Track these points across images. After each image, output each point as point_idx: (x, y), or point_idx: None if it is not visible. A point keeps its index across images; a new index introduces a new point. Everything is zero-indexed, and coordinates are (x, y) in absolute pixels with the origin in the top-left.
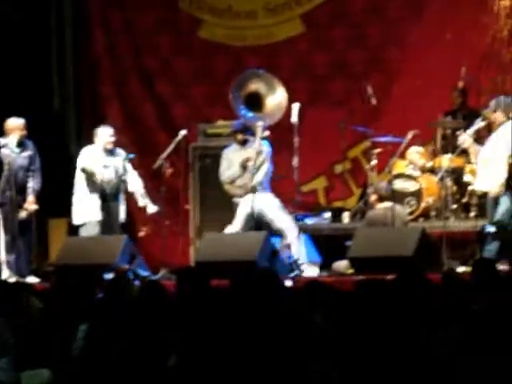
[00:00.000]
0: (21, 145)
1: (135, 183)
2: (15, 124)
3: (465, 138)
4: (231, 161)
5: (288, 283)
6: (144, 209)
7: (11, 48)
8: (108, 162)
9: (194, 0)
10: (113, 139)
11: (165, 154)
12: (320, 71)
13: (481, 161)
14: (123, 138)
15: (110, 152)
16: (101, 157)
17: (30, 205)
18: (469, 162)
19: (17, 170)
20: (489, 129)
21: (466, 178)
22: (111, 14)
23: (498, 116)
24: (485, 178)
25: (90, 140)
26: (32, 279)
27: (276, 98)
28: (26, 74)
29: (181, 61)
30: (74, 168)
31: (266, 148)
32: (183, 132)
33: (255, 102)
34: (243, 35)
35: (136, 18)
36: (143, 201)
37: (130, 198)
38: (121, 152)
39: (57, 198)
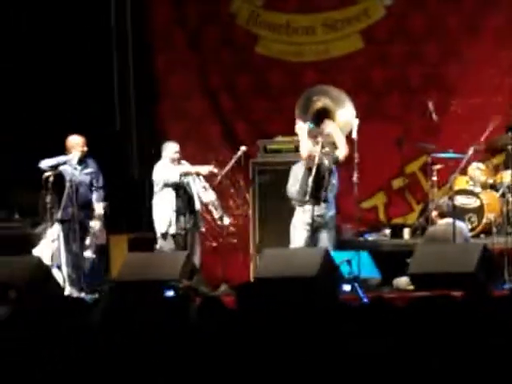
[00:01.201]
0: (82, 162)
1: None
2: (75, 141)
3: None
4: (297, 177)
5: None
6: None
7: (74, 68)
8: None
9: (250, 16)
10: (178, 155)
11: (225, 170)
12: (378, 87)
13: None
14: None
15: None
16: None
17: (98, 210)
18: None
19: (79, 187)
20: None
21: None
22: (174, 31)
23: None
24: None
25: (151, 158)
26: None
27: (346, 112)
28: (89, 93)
29: (240, 76)
30: (135, 185)
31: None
32: (243, 148)
33: (325, 118)
34: (301, 51)
35: (198, 35)
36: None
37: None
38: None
39: (117, 214)
